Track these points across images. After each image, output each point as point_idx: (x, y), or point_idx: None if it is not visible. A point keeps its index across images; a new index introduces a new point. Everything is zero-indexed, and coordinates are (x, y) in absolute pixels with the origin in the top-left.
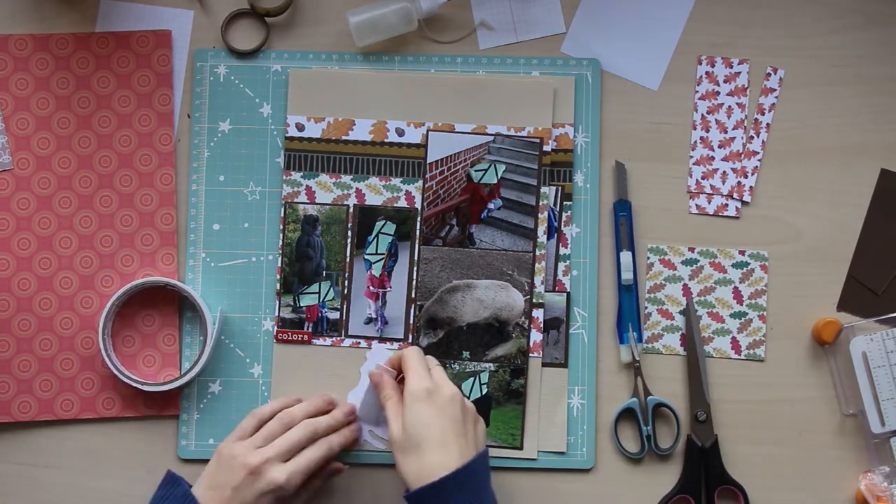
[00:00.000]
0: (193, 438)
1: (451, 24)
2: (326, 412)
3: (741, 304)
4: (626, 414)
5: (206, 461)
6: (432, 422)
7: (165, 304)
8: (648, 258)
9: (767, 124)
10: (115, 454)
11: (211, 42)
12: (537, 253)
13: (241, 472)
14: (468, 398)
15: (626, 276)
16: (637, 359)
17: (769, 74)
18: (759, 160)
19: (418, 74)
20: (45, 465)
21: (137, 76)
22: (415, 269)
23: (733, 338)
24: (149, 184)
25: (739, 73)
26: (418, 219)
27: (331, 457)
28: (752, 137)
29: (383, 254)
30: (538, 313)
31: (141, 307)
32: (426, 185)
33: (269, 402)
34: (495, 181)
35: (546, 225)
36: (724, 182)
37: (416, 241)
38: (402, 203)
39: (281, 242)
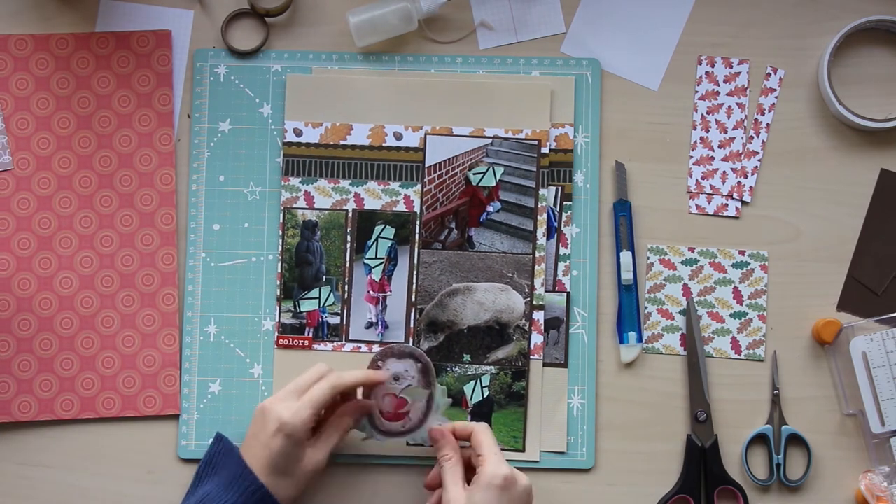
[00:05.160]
0: (193, 438)
1: (451, 24)
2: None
3: (741, 304)
4: (757, 440)
5: None
6: None
7: (166, 304)
8: (648, 258)
9: (767, 124)
10: (115, 454)
11: (211, 42)
12: (537, 255)
13: (258, 417)
14: (470, 401)
15: (626, 276)
16: (777, 388)
17: (769, 74)
18: (759, 160)
19: (415, 78)
20: (46, 465)
21: (137, 76)
22: (414, 272)
23: (733, 338)
24: (149, 184)
25: (739, 73)
26: (417, 222)
27: (336, 391)
28: (752, 137)
29: (383, 258)
30: (538, 315)
31: (141, 306)
32: (425, 189)
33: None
34: (494, 184)
35: (546, 226)
36: (724, 182)
37: (416, 245)
38: (401, 207)
39: (280, 248)
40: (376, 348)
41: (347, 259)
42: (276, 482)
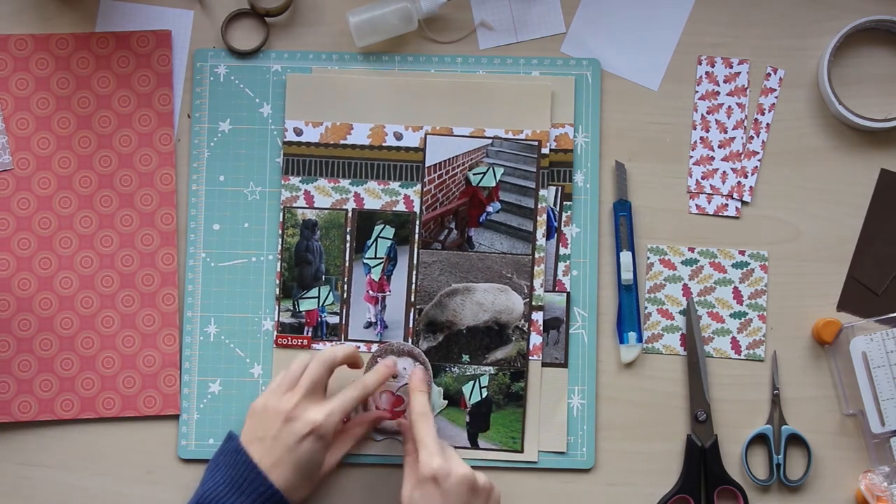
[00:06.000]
0: (193, 438)
1: (451, 24)
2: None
3: (741, 304)
4: (757, 440)
5: (206, 461)
6: None
7: (166, 304)
8: (648, 258)
9: (767, 124)
10: (115, 454)
11: (211, 42)
12: (536, 255)
13: (278, 420)
14: (468, 402)
15: (626, 276)
16: (777, 388)
17: (769, 74)
18: (759, 160)
19: (415, 78)
20: (46, 465)
21: (137, 76)
22: (414, 272)
23: (733, 338)
24: (149, 184)
25: (739, 73)
26: (417, 223)
27: (366, 396)
28: (752, 137)
29: (382, 258)
30: (537, 316)
31: (141, 306)
32: (424, 189)
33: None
34: (494, 184)
35: (546, 226)
36: (724, 182)
37: (415, 245)
38: (401, 207)
39: (280, 247)
40: (375, 348)
41: (347, 259)
42: (296, 484)
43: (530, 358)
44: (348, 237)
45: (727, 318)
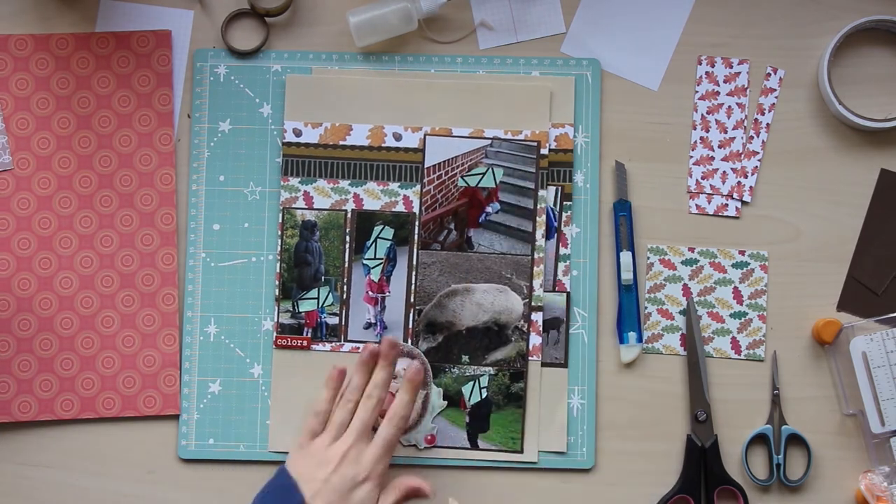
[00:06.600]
0: (193, 438)
1: (451, 24)
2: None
3: (741, 304)
4: (757, 440)
5: (206, 461)
6: None
7: (166, 304)
8: (648, 258)
9: (767, 124)
10: (115, 454)
11: (211, 42)
12: (536, 256)
13: (329, 465)
14: (468, 402)
15: (626, 276)
16: (777, 388)
17: (769, 74)
18: (759, 160)
19: (415, 79)
20: (45, 465)
21: (137, 76)
22: (413, 273)
23: (733, 338)
24: (149, 184)
25: (739, 73)
26: (416, 223)
27: (404, 428)
28: (752, 137)
29: (382, 259)
30: (537, 316)
31: (141, 306)
32: (424, 190)
33: (322, 390)
34: (493, 185)
35: (545, 226)
36: (724, 182)
37: (415, 246)
38: (400, 208)
39: (279, 248)
40: None
41: (346, 259)
42: None
43: (530, 358)
44: (348, 238)
45: (727, 318)
